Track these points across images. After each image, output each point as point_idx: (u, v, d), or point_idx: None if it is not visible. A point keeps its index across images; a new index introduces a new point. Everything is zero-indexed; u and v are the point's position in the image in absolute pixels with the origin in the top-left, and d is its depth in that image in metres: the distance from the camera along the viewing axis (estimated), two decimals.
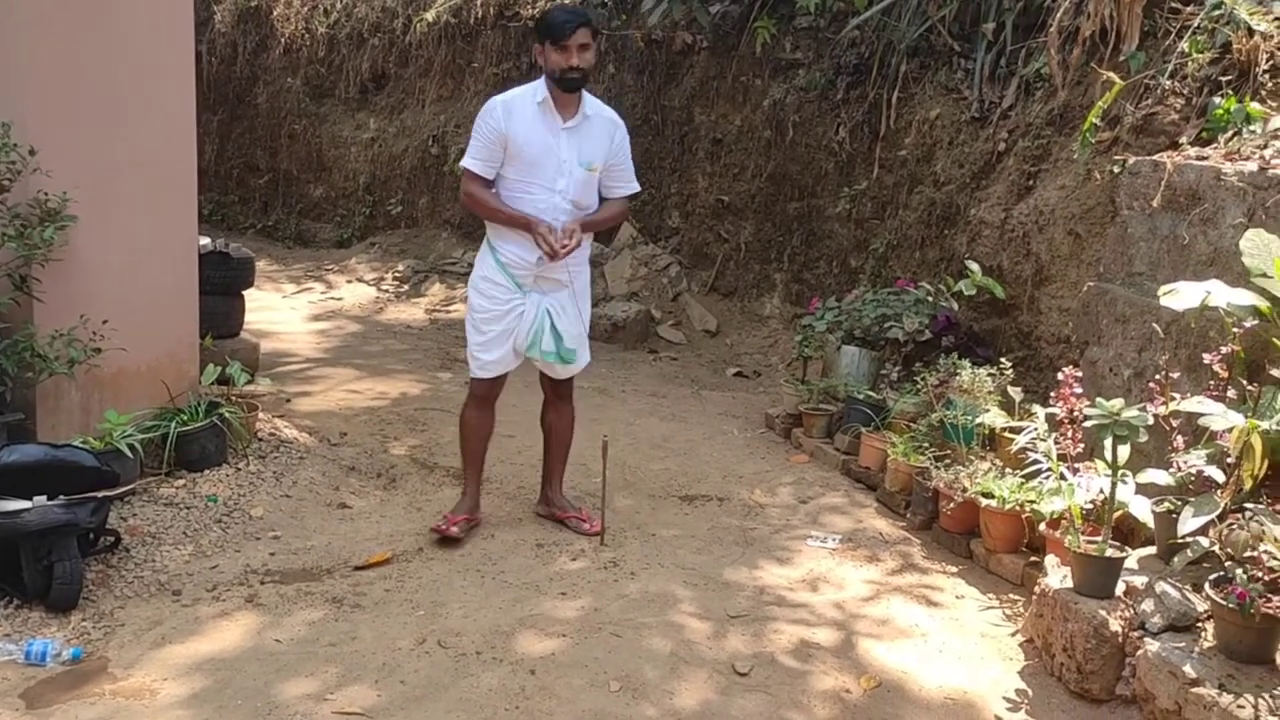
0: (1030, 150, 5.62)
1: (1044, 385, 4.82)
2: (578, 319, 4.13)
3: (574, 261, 4.02)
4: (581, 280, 4.17)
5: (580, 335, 4.16)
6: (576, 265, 4.07)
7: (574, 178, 3.92)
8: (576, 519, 4.29)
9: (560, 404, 4.37)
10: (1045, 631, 3.33)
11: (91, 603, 3.40)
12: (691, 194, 8.79)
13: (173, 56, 4.48)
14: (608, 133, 3.98)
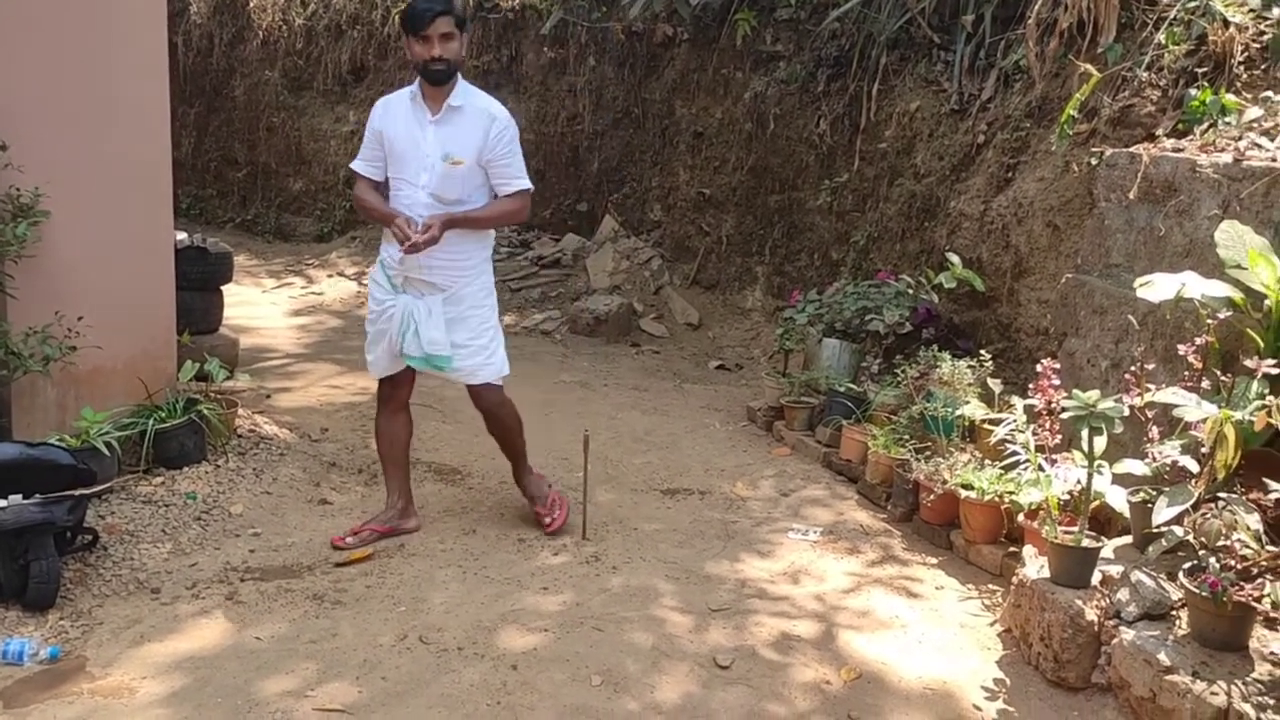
0: (1009, 142, 5.64)
1: (1023, 377, 4.84)
2: (444, 325, 3.84)
3: (446, 264, 3.81)
4: (468, 286, 3.90)
5: (446, 342, 3.85)
6: (455, 270, 3.85)
7: (435, 171, 3.75)
8: (539, 513, 4.21)
9: (485, 410, 4.12)
10: (1023, 621, 3.36)
11: (69, 601, 3.38)
12: (673, 187, 8.79)
13: (146, 48, 4.43)
14: (481, 126, 3.75)
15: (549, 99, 9.43)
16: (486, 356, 3.99)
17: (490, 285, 4.03)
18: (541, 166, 9.52)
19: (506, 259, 9.18)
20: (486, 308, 3.99)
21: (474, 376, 3.98)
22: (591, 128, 9.21)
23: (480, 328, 3.95)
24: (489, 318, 4.00)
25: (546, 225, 9.56)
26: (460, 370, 3.94)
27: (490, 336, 4.00)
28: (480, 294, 3.97)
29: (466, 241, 3.86)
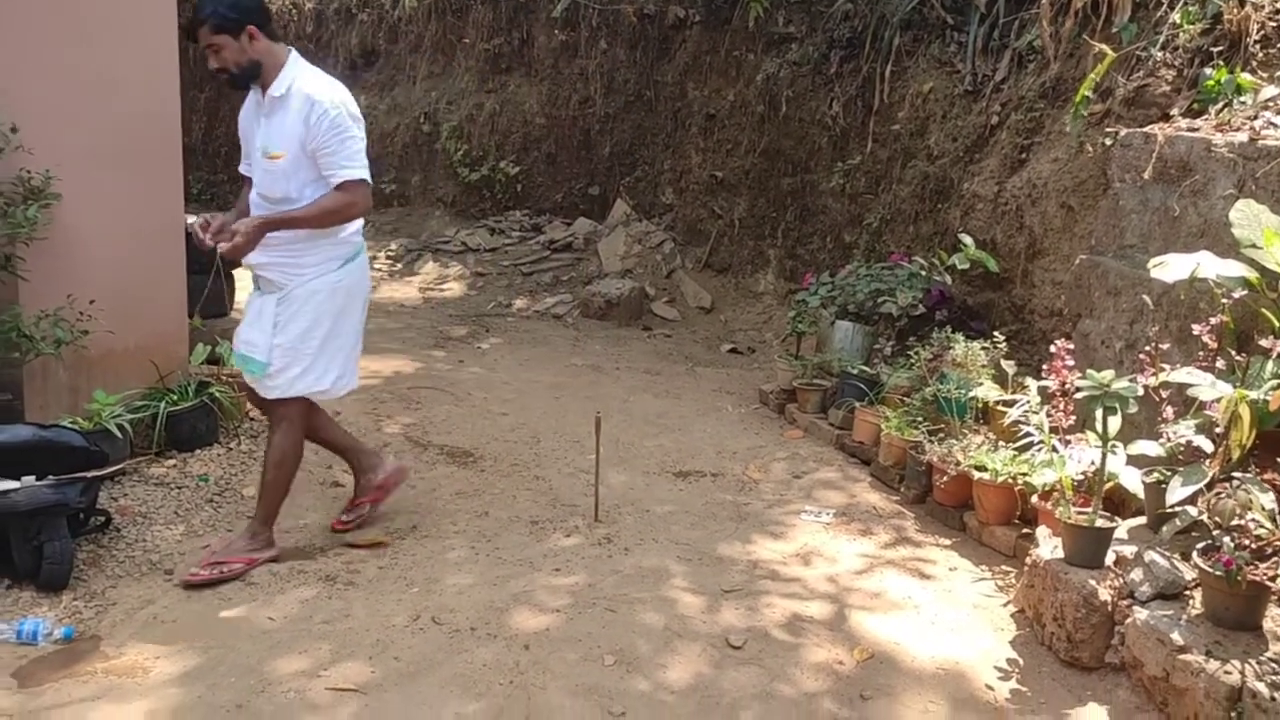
0: (1023, 123, 5.60)
1: (1037, 358, 4.82)
2: (270, 327, 3.50)
3: (281, 261, 3.51)
4: (303, 287, 3.52)
5: (266, 346, 3.49)
6: (291, 268, 3.52)
7: (260, 168, 3.51)
8: (203, 560, 3.53)
9: (270, 426, 3.71)
10: (1036, 602, 3.34)
11: (83, 582, 3.40)
12: (685, 170, 8.76)
13: (156, 33, 4.43)
14: (301, 114, 3.39)
15: (560, 82, 9.40)
16: (284, 363, 3.51)
17: (339, 291, 3.57)
18: (553, 150, 9.51)
19: (519, 242, 9.18)
20: (322, 315, 3.54)
21: (267, 381, 3.54)
22: (603, 111, 9.18)
23: (302, 335, 3.51)
24: (316, 329, 3.53)
25: (558, 209, 9.55)
26: (261, 375, 3.53)
27: (311, 350, 3.53)
28: (316, 298, 3.53)
29: (299, 240, 3.49)
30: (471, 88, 9.95)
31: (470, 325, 7.62)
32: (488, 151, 9.75)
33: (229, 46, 3.37)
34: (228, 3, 3.35)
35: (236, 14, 3.34)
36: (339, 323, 3.61)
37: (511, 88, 9.75)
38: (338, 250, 3.59)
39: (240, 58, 3.39)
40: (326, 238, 3.55)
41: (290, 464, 3.66)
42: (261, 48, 3.41)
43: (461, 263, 9.02)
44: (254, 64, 3.41)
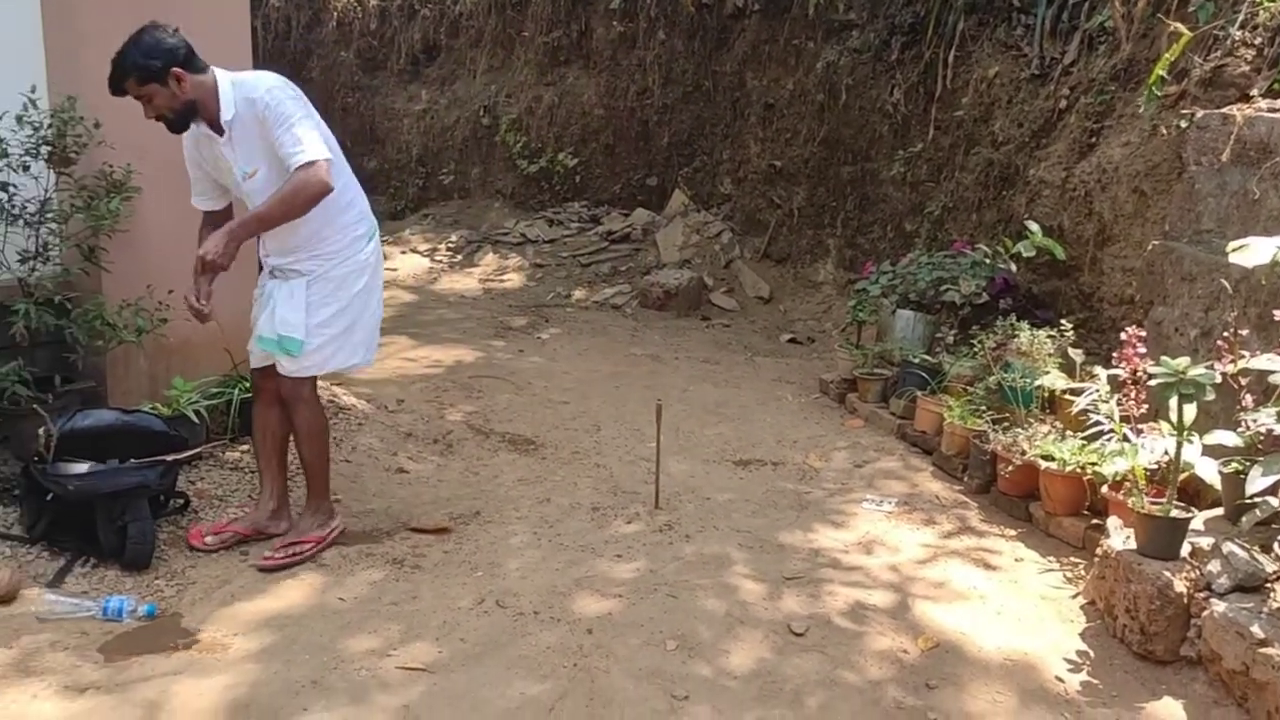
0: (1093, 107, 5.49)
1: (1106, 347, 4.73)
2: (304, 307, 3.50)
3: (303, 259, 3.50)
4: (337, 269, 3.53)
5: (302, 325, 3.49)
6: (318, 258, 3.51)
7: (243, 190, 3.47)
8: (275, 544, 3.59)
9: (282, 400, 3.65)
10: (1108, 593, 3.29)
11: (164, 562, 3.50)
12: (743, 160, 8.73)
13: (229, 31, 4.53)
14: (255, 121, 3.33)
15: (618, 73, 9.42)
16: (323, 346, 3.54)
17: (366, 269, 3.59)
18: (611, 141, 9.54)
19: (577, 234, 9.23)
20: (354, 293, 3.56)
21: (294, 366, 3.53)
22: (661, 101, 9.18)
23: (337, 314, 3.54)
24: (350, 308, 3.56)
25: (616, 200, 9.58)
26: (301, 355, 3.51)
27: (344, 329, 3.56)
28: (349, 278, 3.55)
29: (310, 233, 3.46)
30: (530, 80, 10.01)
31: (530, 315, 7.69)
32: (546, 143, 9.80)
33: (159, 94, 3.26)
34: (145, 51, 3.21)
35: (160, 61, 3.21)
36: (368, 299, 3.64)
37: (570, 80, 9.79)
38: (358, 229, 3.59)
39: (174, 103, 3.28)
40: (341, 223, 3.51)
41: (322, 436, 3.72)
42: (191, 85, 3.28)
43: (520, 254, 9.09)
44: (188, 104, 3.30)
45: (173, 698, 2.73)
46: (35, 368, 3.97)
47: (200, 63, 3.33)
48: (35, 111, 3.81)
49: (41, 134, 3.81)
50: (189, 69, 3.28)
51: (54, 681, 2.78)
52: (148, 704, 2.70)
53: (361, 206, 3.64)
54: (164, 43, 3.25)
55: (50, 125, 3.82)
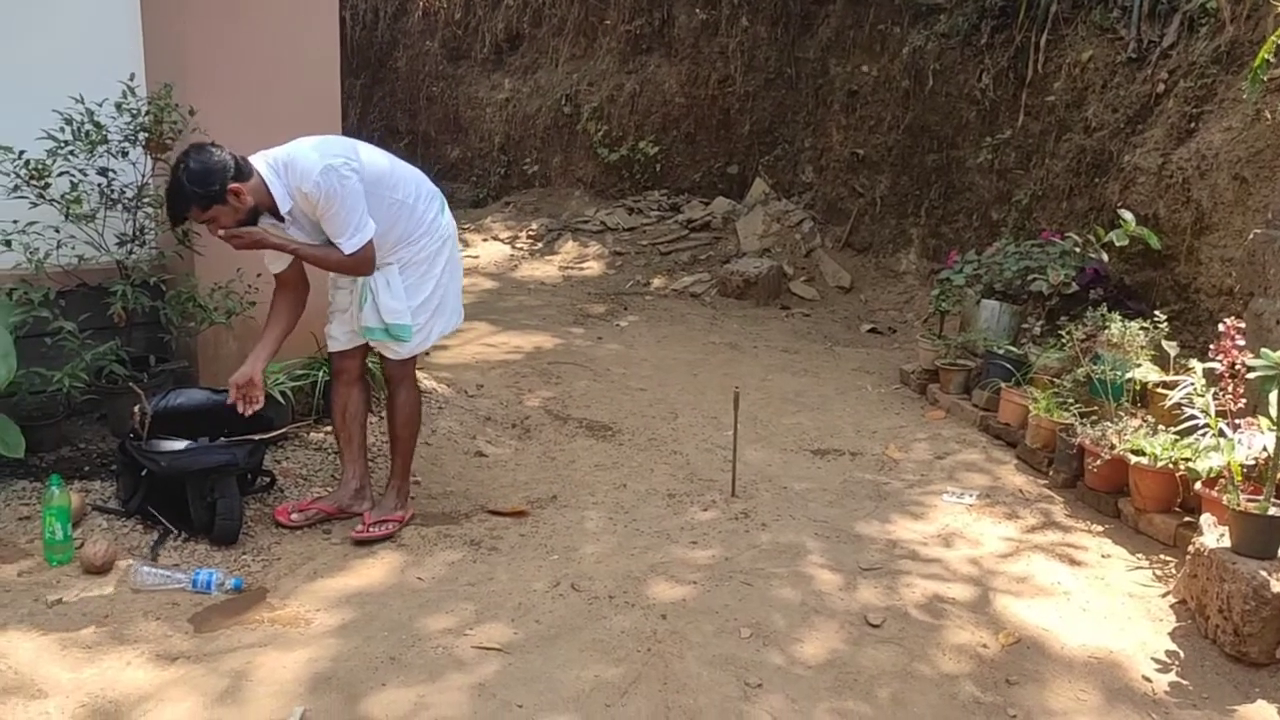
0: (1193, 91, 5.29)
1: (1202, 340, 4.57)
2: (403, 293, 3.59)
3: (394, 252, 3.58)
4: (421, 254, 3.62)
5: (406, 310, 3.59)
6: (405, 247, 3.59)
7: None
8: (364, 520, 3.69)
9: (387, 379, 3.78)
10: (1199, 593, 3.18)
11: (251, 538, 3.60)
12: (825, 148, 8.62)
13: (318, 22, 4.62)
14: (309, 204, 3.37)
15: (700, 61, 9.37)
16: (426, 323, 3.66)
17: (447, 241, 3.69)
18: (692, 129, 9.50)
19: (657, 222, 9.23)
20: (440, 265, 3.66)
21: (401, 349, 3.64)
22: (742, 89, 9.12)
23: (432, 291, 3.64)
24: (442, 279, 3.67)
25: (696, 188, 9.54)
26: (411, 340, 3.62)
27: (438, 300, 3.67)
28: (432, 254, 3.64)
29: (385, 241, 3.52)
30: (612, 69, 10.02)
31: (609, 303, 7.71)
32: (627, 132, 9.81)
33: (223, 213, 3.28)
34: (199, 179, 3.20)
35: (216, 185, 3.22)
36: (452, 267, 3.75)
37: (651, 68, 9.77)
38: (430, 211, 3.65)
39: (239, 215, 3.30)
40: (416, 216, 3.58)
41: (418, 419, 3.86)
42: (248, 193, 3.27)
43: (600, 242, 9.12)
44: (252, 210, 3.31)
45: (257, 669, 2.81)
46: (131, 347, 4.12)
47: (247, 167, 3.30)
48: (134, 99, 3.94)
49: (139, 121, 3.94)
50: (241, 179, 3.26)
51: (146, 650, 2.88)
52: (233, 674, 2.78)
53: (426, 189, 3.69)
54: (213, 164, 3.23)
55: (148, 112, 3.95)
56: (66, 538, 3.34)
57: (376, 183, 3.47)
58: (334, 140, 3.50)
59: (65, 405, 4.01)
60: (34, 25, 4.05)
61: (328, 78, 4.68)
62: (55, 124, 3.80)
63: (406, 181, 3.62)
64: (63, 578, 3.25)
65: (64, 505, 3.32)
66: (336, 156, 3.35)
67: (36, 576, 3.25)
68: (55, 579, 3.24)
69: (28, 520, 3.56)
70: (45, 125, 3.78)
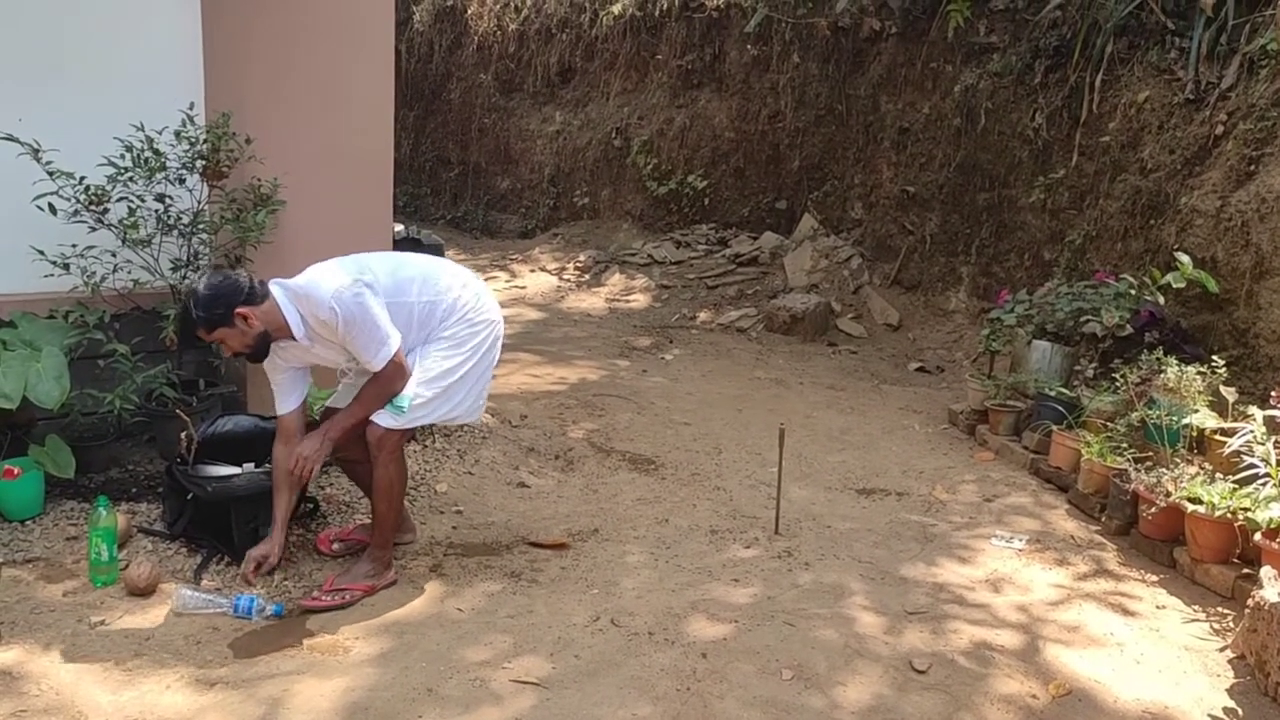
0: (1253, 133, 5.19)
1: (1262, 386, 4.45)
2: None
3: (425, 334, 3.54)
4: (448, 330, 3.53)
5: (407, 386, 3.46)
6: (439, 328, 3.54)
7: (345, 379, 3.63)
8: (325, 585, 3.45)
9: (369, 444, 3.52)
10: (1259, 648, 3.06)
11: (292, 564, 3.62)
12: (875, 185, 8.58)
13: (373, 54, 4.70)
14: (328, 330, 3.34)
15: (750, 97, 9.40)
16: (428, 402, 3.49)
17: (479, 327, 3.56)
18: (741, 164, 9.52)
19: (704, 256, 9.23)
20: (467, 352, 3.53)
21: (393, 419, 3.45)
22: (792, 125, 9.12)
23: (446, 372, 3.50)
24: (462, 365, 3.52)
25: (744, 223, 9.54)
26: (407, 410, 3.46)
27: (451, 384, 3.51)
28: (461, 337, 3.54)
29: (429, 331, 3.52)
30: (662, 103, 10.09)
31: (654, 336, 7.71)
32: (676, 165, 9.85)
33: (230, 336, 3.27)
34: (206, 302, 3.21)
35: (221, 308, 3.21)
36: (483, 357, 3.59)
37: (702, 102, 9.82)
38: (465, 295, 3.56)
39: (246, 339, 3.28)
40: (448, 302, 3.52)
41: (399, 490, 3.62)
42: (258, 319, 3.26)
43: (647, 275, 9.13)
44: (261, 336, 3.28)
45: (294, 696, 2.81)
46: (182, 371, 4.18)
47: (261, 291, 3.29)
48: (192, 127, 4.02)
49: (197, 149, 4.03)
50: (251, 303, 3.25)
51: (185, 674, 2.89)
52: (271, 701, 2.78)
53: (462, 280, 3.59)
54: (222, 288, 3.24)
55: (206, 140, 4.03)
56: (112, 559, 3.37)
57: (401, 290, 3.43)
58: (346, 261, 3.41)
59: (115, 427, 4.07)
60: (99, 55, 4.16)
61: (382, 108, 4.75)
62: (116, 151, 3.89)
63: (437, 280, 3.52)
64: (107, 599, 3.28)
65: (110, 527, 3.36)
66: (343, 279, 3.30)
67: (81, 597, 3.28)
68: (99, 600, 3.27)
69: (75, 540, 3.61)
70: (107, 152, 3.87)
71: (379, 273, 3.41)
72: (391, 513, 3.58)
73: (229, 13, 4.29)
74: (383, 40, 4.75)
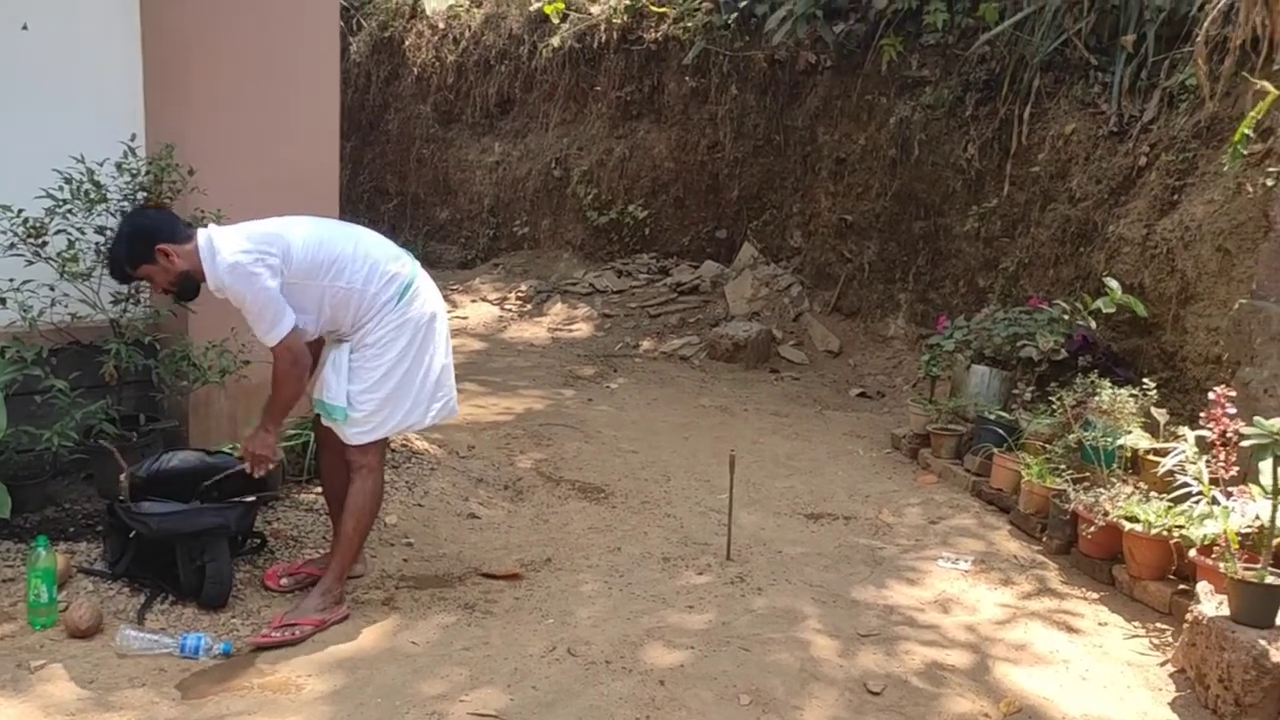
0: (1174, 164, 5.41)
1: (1190, 407, 4.61)
2: (346, 373, 3.46)
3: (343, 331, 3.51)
4: (373, 334, 3.47)
5: (342, 391, 3.44)
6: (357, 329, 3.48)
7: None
8: (274, 622, 3.37)
9: (347, 463, 3.56)
10: (1198, 662, 3.17)
11: (240, 601, 3.55)
12: (814, 214, 8.73)
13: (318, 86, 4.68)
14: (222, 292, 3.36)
15: (689, 127, 9.52)
16: (374, 412, 3.46)
17: (407, 325, 3.49)
18: (681, 194, 9.61)
19: (646, 285, 9.28)
20: (398, 354, 3.48)
21: (348, 434, 3.48)
22: (731, 155, 9.25)
23: (380, 380, 3.46)
24: (396, 368, 3.47)
25: (685, 252, 9.63)
26: (343, 422, 3.46)
27: (391, 391, 3.47)
28: (386, 340, 3.47)
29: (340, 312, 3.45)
30: (602, 134, 10.16)
31: (598, 365, 7.73)
32: (616, 195, 9.91)
33: (154, 272, 3.31)
34: (128, 236, 3.30)
35: (142, 244, 3.27)
36: (417, 356, 3.52)
37: (641, 133, 9.91)
38: (384, 294, 3.47)
39: (170, 277, 3.32)
40: (367, 298, 3.44)
41: (371, 513, 3.57)
42: (179, 257, 3.28)
43: (589, 304, 9.16)
44: (183, 275, 3.31)
45: None
46: (122, 406, 4.09)
47: (185, 232, 3.32)
48: (134, 159, 3.96)
49: (139, 180, 3.97)
50: (174, 241, 3.28)
51: (132, 717, 2.82)
52: None
53: (383, 269, 3.49)
54: (144, 224, 3.34)
55: (148, 172, 3.97)
56: (52, 600, 3.28)
57: (312, 274, 3.37)
58: (264, 232, 3.35)
59: (51, 464, 3.97)
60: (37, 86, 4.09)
61: (327, 139, 4.73)
62: (55, 183, 3.81)
63: (357, 267, 3.45)
64: (47, 642, 3.19)
65: (50, 567, 3.27)
66: (249, 253, 3.26)
67: (20, 640, 3.19)
68: (39, 643, 3.18)
69: (11, 582, 3.50)
70: (46, 184, 3.79)
71: (295, 248, 3.35)
72: (358, 536, 3.54)
73: (170, 44, 4.25)
74: (327, 71, 4.73)
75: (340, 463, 3.61)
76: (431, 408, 3.60)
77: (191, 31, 4.25)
